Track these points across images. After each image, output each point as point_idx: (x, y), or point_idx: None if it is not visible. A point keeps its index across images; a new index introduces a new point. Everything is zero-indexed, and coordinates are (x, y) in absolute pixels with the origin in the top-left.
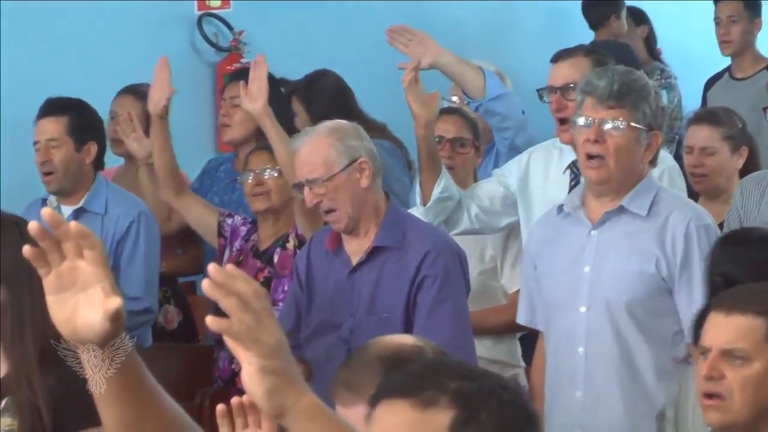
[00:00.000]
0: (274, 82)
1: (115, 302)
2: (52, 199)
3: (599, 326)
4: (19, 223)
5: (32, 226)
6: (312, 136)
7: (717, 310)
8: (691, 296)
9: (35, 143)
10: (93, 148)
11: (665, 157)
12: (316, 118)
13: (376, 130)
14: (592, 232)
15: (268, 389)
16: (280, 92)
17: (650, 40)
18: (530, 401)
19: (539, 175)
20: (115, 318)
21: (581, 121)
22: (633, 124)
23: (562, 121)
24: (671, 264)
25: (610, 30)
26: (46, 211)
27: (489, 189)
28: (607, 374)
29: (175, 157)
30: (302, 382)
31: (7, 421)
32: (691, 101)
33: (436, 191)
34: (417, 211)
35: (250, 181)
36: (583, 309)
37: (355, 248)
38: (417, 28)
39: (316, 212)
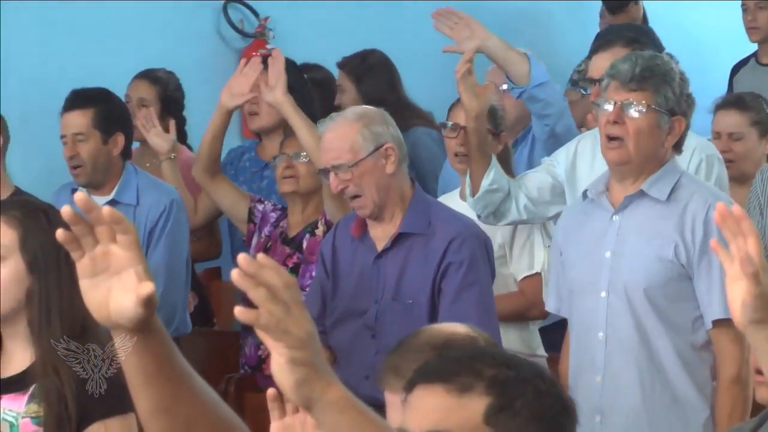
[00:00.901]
0: (296, 69)
1: (148, 287)
2: (83, 190)
3: (618, 311)
4: (47, 211)
5: (65, 210)
6: (338, 121)
7: None
8: (711, 283)
9: (62, 137)
10: (120, 139)
11: (706, 145)
12: (366, 95)
13: (422, 118)
14: (614, 216)
15: (297, 380)
16: (302, 79)
17: (644, 22)
18: (566, 391)
19: (587, 163)
20: (148, 303)
21: (604, 103)
22: (654, 107)
23: None
24: (690, 250)
25: (629, 14)
26: (79, 196)
27: (537, 179)
28: (626, 360)
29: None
30: (331, 374)
31: (33, 408)
32: (715, 89)
33: (485, 183)
34: (465, 203)
35: (282, 163)
36: (603, 294)
37: (381, 234)
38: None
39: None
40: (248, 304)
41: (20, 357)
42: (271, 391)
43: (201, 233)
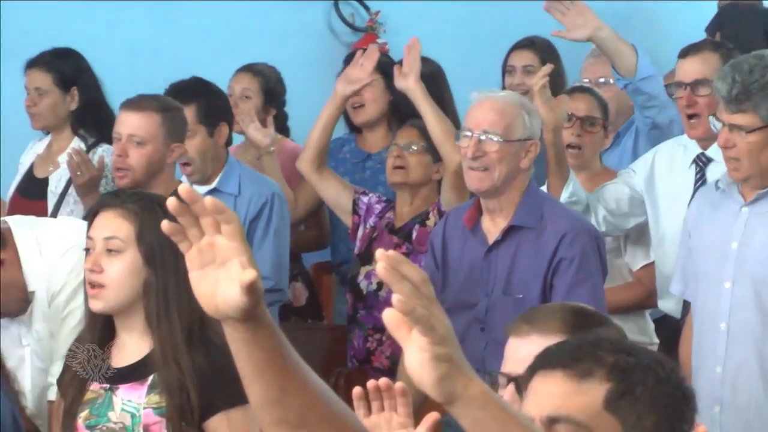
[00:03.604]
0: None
1: (250, 274)
2: (184, 178)
3: (743, 302)
4: (164, 204)
5: (170, 201)
6: (505, 96)
7: None
8: None
9: None
10: (225, 129)
11: None
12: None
13: None
14: (743, 208)
15: (440, 377)
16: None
17: None
18: (686, 379)
19: (665, 172)
20: (252, 291)
21: (717, 123)
22: (760, 123)
23: (691, 117)
24: None
25: None
26: (182, 188)
27: (615, 190)
28: (747, 351)
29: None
30: (470, 370)
31: (155, 398)
32: None
33: (565, 195)
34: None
35: (393, 153)
36: (728, 284)
37: (492, 227)
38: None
39: (465, 188)
40: (355, 296)
41: (135, 347)
42: (357, 390)
43: (309, 223)
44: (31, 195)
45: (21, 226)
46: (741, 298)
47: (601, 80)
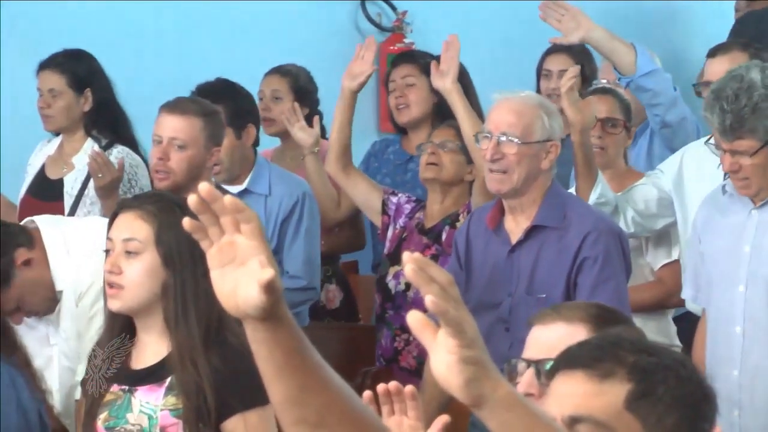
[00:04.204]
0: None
1: (268, 273)
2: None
3: (757, 305)
4: (182, 205)
5: (191, 199)
6: (524, 98)
7: None
8: None
9: None
10: (252, 130)
11: None
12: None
13: None
14: (753, 211)
15: (468, 379)
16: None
17: None
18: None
19: (693, 173)
20: (271, 290)
21: (716, 150)
22: (759, 145)
23: None
24: None
25: None
26: (203, 186)
27: (643, 191)
28: (764, 354)
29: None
30: (497, 372)
31: (171, 400)
32: None
33: (593, 197)
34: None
35: (427, 150)
36: (741, 288)
37: (515, 227)
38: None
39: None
40: (383, 296)
41: (154, 349)
42: (367, 394)
43: (344, 224)
44: (45, 196)
45: (49, 225)
46: (755, 300)
47: (617, 81)
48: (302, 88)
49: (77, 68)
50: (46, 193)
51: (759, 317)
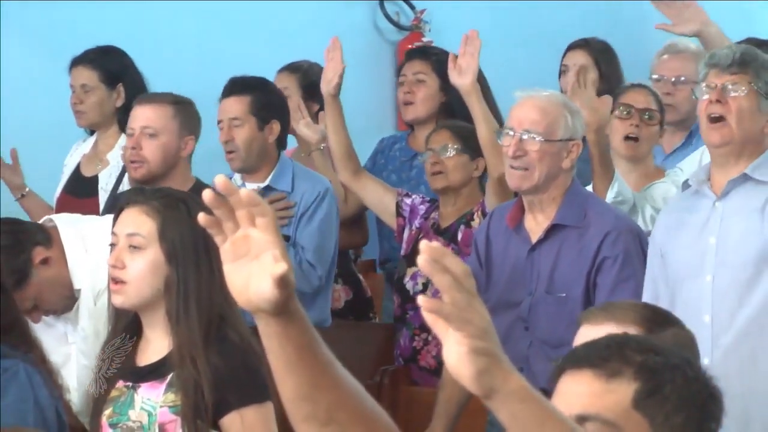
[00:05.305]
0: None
1: (281, 268)
2: (237, 177)
3: (724, 294)
4: (187, 201)
5: (206, 194)
6: (548, 96)
7: None
8: None
9: (219, 122)
10: (276, 127)
11: None
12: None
13: None
14: (717, 203)
15: (479, 370)
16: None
17: None
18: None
19: None
20: (283, 284)
21: (704, 89)
22: (756, 89)
23: None
24: None
25: None
26: (219, 179)
27: (662, 189)
28: (732, 341)
29: (349, 136)
30: (509, 364)
31: (171, 397)
32: None
33: (610, 195)
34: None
35: (429, 160)
36: (708, 278)
37: (535, 225)
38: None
39: (509, 194)
40: (402, 297)
41: (158, 345)
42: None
43: (348, 221)
44: (81, 193)
45: (66, 223)
46: (722, 288)
47: (675, 79)
48: (313, 83)
49: (109, 64)
50: (81, 190)
51: (726, 305)
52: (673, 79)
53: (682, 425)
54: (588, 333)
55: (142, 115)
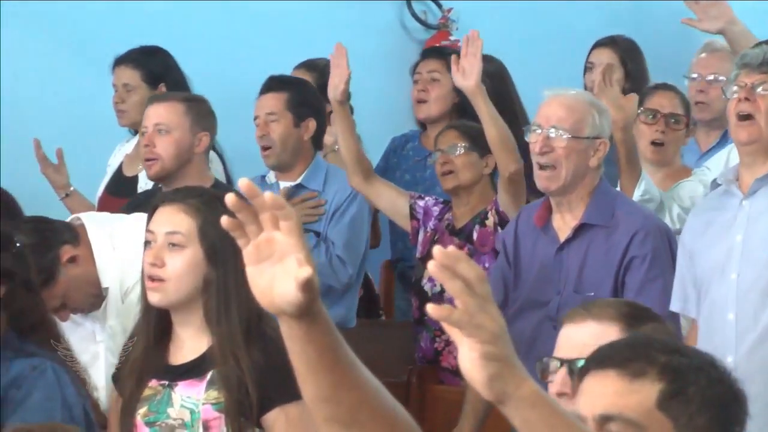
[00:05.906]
0: None
1: (306, 272)
2: (271, 175)
3: (748, 291)
4: (223, 200)
5: (229, 197)
6: (575, 94)
7: None
8: None
9: (255, 118)
10: (311, 124)
11: None
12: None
13: None
14: (744, 201)
15: (491, 376)
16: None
17: None
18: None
19: None
20: (308, 288)
21: (734, 89)
22: None
23: None
24: None
25: None
26: (243, 182)
27: (690, 188)
28: (756, 338)
29: (359, 142)
30: (523, 369)
31: (213, 394)
32: None
33: (637, 193)
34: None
35: (439, 160)
36: (733, 275)
37: (563, 225)
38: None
39: (521, 192)
40: (420, 299)
41: (193, 344)
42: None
43: None
44: (120, 193)
45: (94, 221)
46: (746, 285)
47: (711, 77)
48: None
49: (151, 63)
50: (121, 190)
51: (750, 303)
52: (708, 78)
53: (705, 426)
54: (569, 332)
55: (155, 114)
